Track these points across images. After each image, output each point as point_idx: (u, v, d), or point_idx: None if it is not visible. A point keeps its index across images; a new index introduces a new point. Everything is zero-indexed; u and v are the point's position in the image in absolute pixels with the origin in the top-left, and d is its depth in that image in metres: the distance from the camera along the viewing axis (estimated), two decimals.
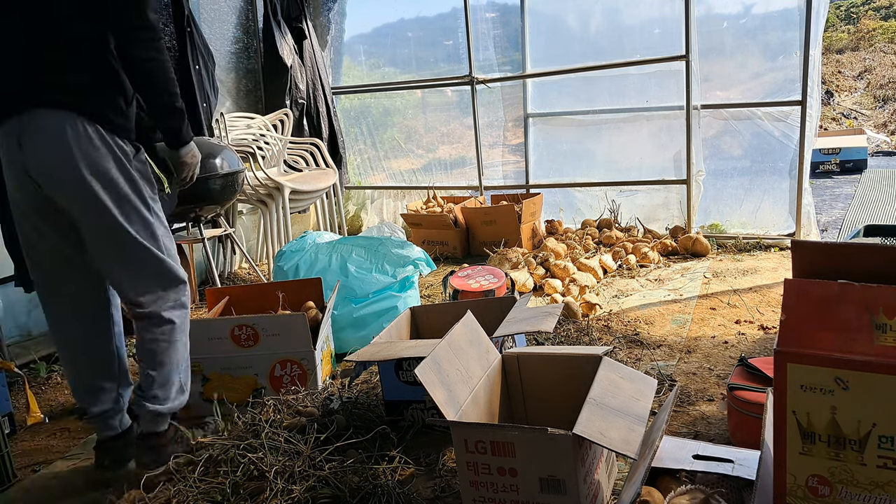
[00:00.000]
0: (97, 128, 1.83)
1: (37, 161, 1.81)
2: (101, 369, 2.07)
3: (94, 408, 2.05)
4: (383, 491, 1.77)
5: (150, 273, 1.97)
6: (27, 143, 1.81)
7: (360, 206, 5.66)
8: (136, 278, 1.96)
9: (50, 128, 1.80)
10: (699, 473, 1.43)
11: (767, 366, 1.92)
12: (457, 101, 5.22)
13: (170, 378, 2.03)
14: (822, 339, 1.18)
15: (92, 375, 2.05)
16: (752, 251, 4.10)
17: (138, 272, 1.96)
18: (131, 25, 1.83)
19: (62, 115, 1.80)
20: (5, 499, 2.05)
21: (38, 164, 1.81)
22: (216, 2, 4.59)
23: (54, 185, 1.84)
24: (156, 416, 2.03)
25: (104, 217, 1.87)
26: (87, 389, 2.05)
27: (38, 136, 1.80)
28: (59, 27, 1.82)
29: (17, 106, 1.81)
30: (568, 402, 1.78)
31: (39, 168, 1.82)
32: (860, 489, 1.18)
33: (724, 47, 4.31)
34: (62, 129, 1.80)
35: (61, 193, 1.85)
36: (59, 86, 1.81)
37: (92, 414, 2.06)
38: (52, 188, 1.85)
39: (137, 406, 2.03)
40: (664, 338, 2.83)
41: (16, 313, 3.25)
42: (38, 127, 1.80)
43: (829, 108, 11.50)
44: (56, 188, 1.84)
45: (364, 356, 2.03)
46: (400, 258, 3.03)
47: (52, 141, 1.80)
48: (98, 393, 2.05)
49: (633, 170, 4.63)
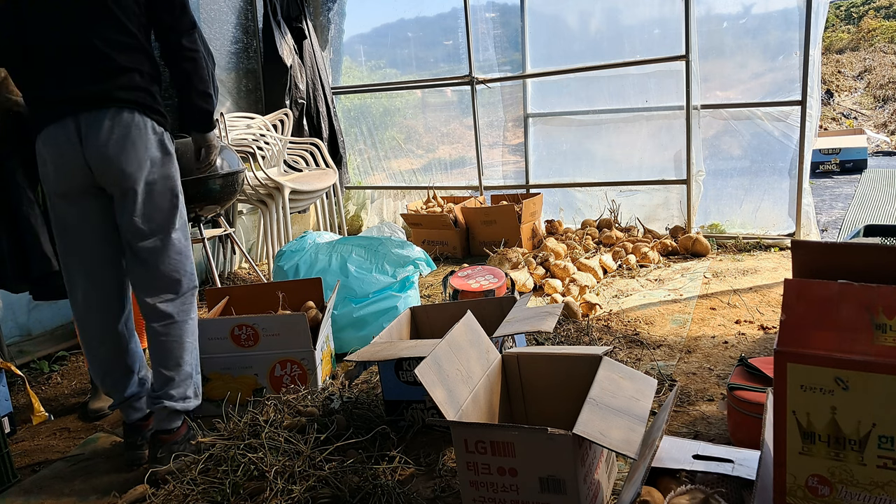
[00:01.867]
0: (152, 123, 1.99)
1: (100, 154, 1.92)
2: (125, 353, 2.15)
3: (122, 393, 2.13)
4: (383, 491, 1.77)
5: (173, 271, 2.04)
6: (91, 139, 1.91)
7: (360, 206, 5.66)
8: (159, 275, 2.03)
9: (118, 124, 1.92)
10: (699, 473, 1.43)
11: (767, 366, 1.92)
12: (457, 101, 5.22)
13: (184, 376, 2.08)
14: (822, 339, 1.18)
15: (117, 361, 2.13)
16: (752, 251, 4.10)
17: (164, 269, 2.03)
18: (181, 23, 2.03)
19: (125, 112, 1.93)
20: (5, 499, 2.05)
21: (101, 156, 1.92)
22: (216, 2, 4.59)
23: (115, 176, 1.95)
24: (170, 414, 2.08)
25: (147, 206, 2.00)
26: (113, 375, 2.14)
27: (101, 132, 1.91)
28: (114, 26, 1.94)
29: (78, 105, 1.91)
30: (568, 402, 1.78)
31: (101, 160, 1.92)
32: (860, 489, 1.18)
33: (724, 47, 4.31)
34: (127, 124, 1.93)
35: (119, 182, 1.96)
36: (120, 86, 1.94)
37: (119, 400, 2.14)
38: (109, 178, 1.96)
39: (152, 404, 2.08)
40: (664, 338, 2.83)
41: (16, 313, 3.25)
42: (101, 123, 1.91)
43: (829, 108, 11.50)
44: (116, 178, 1.95)
45: (364, 356, 2.03)
46: (400, 258, 3.03)
47: (119, 139, 1.92)
48: (124, 378, 2.14)
49: (633, 170, 4.63)
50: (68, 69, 1.92)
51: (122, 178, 1.94)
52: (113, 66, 1.93)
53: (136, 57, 1.97)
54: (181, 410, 2.09)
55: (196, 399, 2.14)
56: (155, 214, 2.01)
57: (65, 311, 3.41)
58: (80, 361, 3.18)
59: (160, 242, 2.03)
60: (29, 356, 3.13)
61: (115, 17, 1.94)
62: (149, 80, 2.01)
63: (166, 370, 2.06)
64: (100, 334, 2.12)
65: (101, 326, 2.11)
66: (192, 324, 2.12)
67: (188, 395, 2.10)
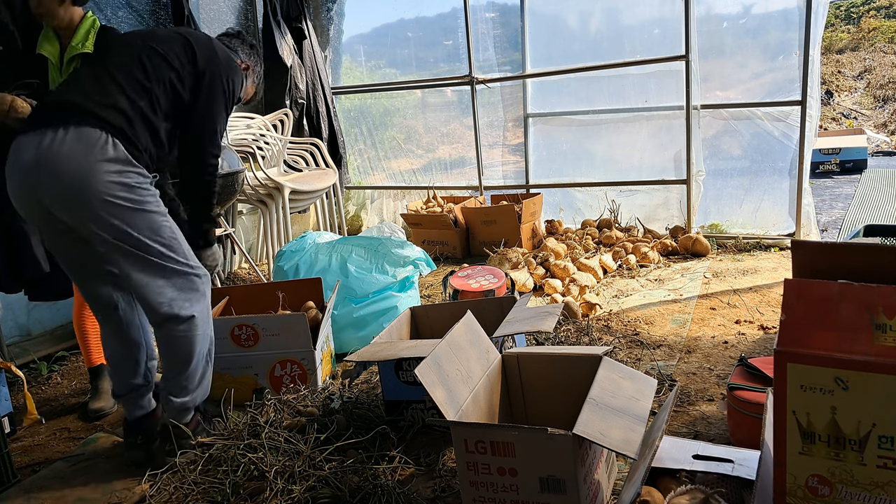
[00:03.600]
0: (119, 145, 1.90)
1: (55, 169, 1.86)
2: (129, 341, 2.15)
3: (130, 381, 2.13)
4: (383, 491, 1.77)
5: (166, 278, 1.99)
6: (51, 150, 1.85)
7: (360, 206, 5.66)
8: (153, 286, 1.98)
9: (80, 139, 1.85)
10: (699, 473, 1.43)
11: (767, 366, 1.92)
12: (457, 101, 5.22)
13: (194, 371, 2.07)
14: (822, 339, 1.18)
15: (123, 349, 2.14)
16: (752, 251, 4.10)
17: (157, 280, 1.98)
18: (204, 154, 2.09)
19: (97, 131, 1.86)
20: (5, 499, 2.05)
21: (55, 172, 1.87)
22: (216, 2, 4.59)
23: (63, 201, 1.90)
24: (181, 409, 2.08)
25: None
26: (116, 362, 2.14)
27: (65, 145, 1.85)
28: (150, 103, 1.96)
29: (66, 119, 1.86)
30: (568, 402, 1.78)
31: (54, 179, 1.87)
32: (860, 489, 1.18)
33: (724, 47, 4.31)
34: (91, 140, 1.85)
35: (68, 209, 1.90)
36: (116, 113, 1.90)
37: (122, 392, 2.14)
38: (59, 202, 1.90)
39: (163, 399, 2.08)
40: (664, 338, 2.83)
41: (16, 313, 3.25)
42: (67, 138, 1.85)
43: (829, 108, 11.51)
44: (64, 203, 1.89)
45: (364, 356, 2.03)
46: (400, 258, 3.03)
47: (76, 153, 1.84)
48: (129, 368, 2.14)
49: (633, 170, 4.63)
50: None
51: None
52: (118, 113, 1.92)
53: (146, 126, 1.97)
54: (190, 405, 2.09)
55: (206, 386, 2.13)
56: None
57: (64, 311, 3.41)
58: (80, 362, 3.18)
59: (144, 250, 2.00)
60: (29, 356, 3.13)
61: (153, 96, 1.97)
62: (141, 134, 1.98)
63: (174, 363, 2.04)
64: (102, 319, 2.14)
65: (103, 316, 2.13)
66: (198, 314, 2.05)
67: (194, 387, 2.08)
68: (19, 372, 2.55)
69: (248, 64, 2.37)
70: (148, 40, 2.06)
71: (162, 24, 4.11)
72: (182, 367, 2.04)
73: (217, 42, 2.20)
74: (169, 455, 2.06)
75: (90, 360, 2.64)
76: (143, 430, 2.14)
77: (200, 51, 2.08)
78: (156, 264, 1.94)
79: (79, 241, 1.95)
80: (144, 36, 2.10)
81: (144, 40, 2.06)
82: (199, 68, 2.06)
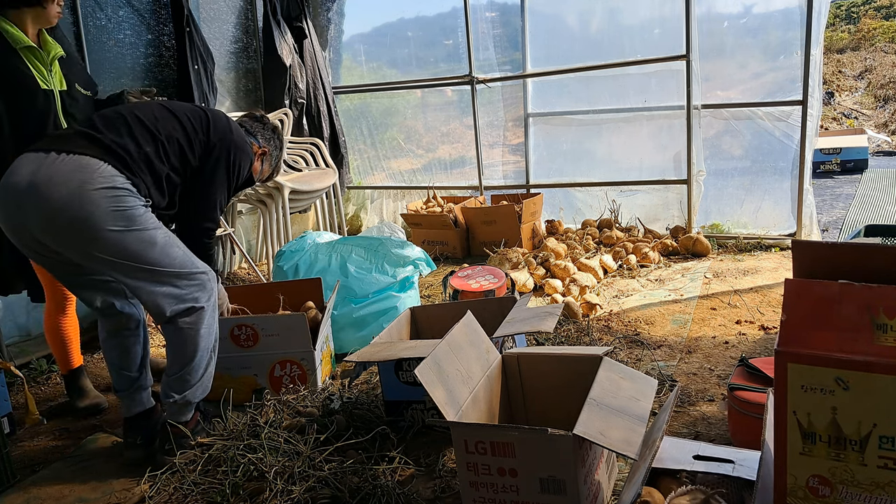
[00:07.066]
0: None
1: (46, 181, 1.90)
2: (127, 335, 2.18)
3: (129, 374, 2.16)
4: (383, 491, 1.77)
5: (168, 284, 1.99)
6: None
7: (360, 206, 5.66)
8: (156, 293, 1.99)
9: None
10: (700, 474, 1.42)
11: (768, 366, 1.91)
12: (457, 100, 5.22)
13: (198, 364, 2.07)
14: (823, 339, 1.18)
15: (123, 343, 2.17)
16: (753, 251, 4.09)
17: (159, 287, 1.99)
18: (201, 220, 2.17)
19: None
20: (5, 499, 2.04)
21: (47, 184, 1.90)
22: (216, 2, 4.59)
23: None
24: (182, 407, 2.09)
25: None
26: (119, 359, 2.16)
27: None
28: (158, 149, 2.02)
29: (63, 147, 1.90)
30: (568, 402, 1.78)
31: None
32: (861, 489, 1.18)
33: (725, 47, 4.31)
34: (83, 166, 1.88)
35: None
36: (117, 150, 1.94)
37: (123, 387, 2.16)
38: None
39: (163, 398, 2.08)
40: (664, 338, 2.83)
41: (16, 313, 3.24)
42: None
43: (829, 107, 11.51)
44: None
45: (364, 356, 2.03)
46: (400, 258, 3.03)
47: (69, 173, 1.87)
48: (129, 362, 2.17)
49: (633, 170, 4.63)
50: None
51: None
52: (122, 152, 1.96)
53: (148, 168, 2.00)
54: (192, 402, 2.09)
55: (207, 383, 2.13)
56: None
57: None
58: None
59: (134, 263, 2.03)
60: (29, 356, 3.13)
61: (159, 145, 2.02)
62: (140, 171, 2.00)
63: (176, 360, 2.05)
64: (100, 316, 2.17)
65: (101, 314, 2.16)
66: (198, 312, 2.04)
67: (194, 383, 2.08)
68: (19, 372, 2.55)
69: (266, 149, 2.44)
70: (165, 102, 2.17)
71: (162, 23, 4.11)
72: (187, 361, 2.04)
73: (235, 124, 2.28)
74: (168, 455, 2.06)
75: (68, 364, 2.61)
76: (142, 428, 2.14)
77: (216, 124, 2.16)
78: (155, 273, 1.95)
79: (68, 264, 1.99)
80: (163, 100, 2.21)
81: (161, 102, 2.17)
82: (210, 139, 2.13)
